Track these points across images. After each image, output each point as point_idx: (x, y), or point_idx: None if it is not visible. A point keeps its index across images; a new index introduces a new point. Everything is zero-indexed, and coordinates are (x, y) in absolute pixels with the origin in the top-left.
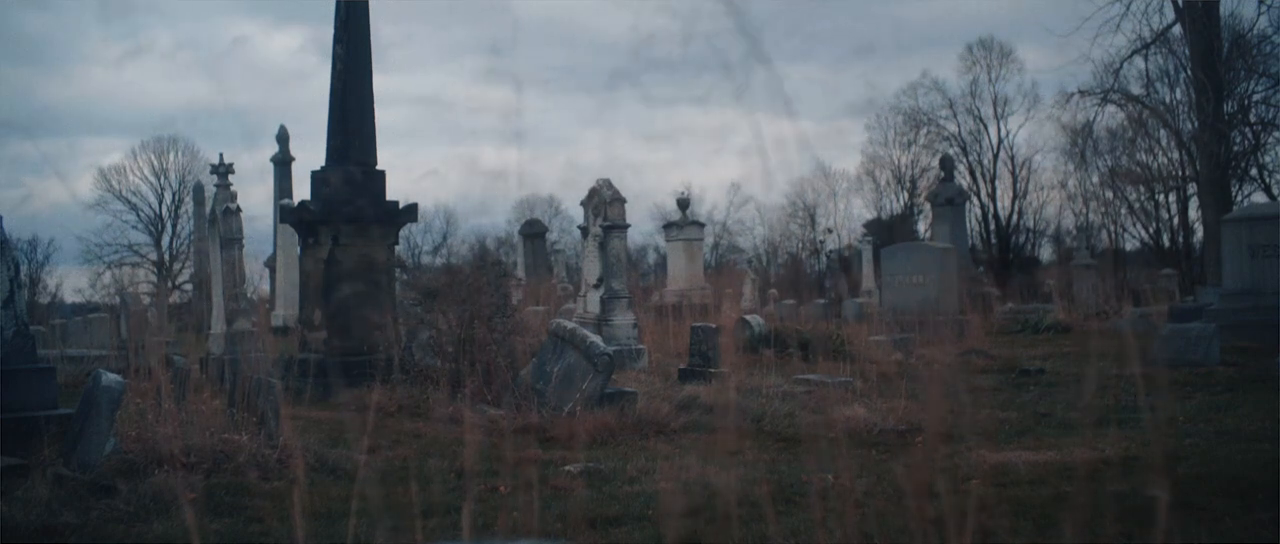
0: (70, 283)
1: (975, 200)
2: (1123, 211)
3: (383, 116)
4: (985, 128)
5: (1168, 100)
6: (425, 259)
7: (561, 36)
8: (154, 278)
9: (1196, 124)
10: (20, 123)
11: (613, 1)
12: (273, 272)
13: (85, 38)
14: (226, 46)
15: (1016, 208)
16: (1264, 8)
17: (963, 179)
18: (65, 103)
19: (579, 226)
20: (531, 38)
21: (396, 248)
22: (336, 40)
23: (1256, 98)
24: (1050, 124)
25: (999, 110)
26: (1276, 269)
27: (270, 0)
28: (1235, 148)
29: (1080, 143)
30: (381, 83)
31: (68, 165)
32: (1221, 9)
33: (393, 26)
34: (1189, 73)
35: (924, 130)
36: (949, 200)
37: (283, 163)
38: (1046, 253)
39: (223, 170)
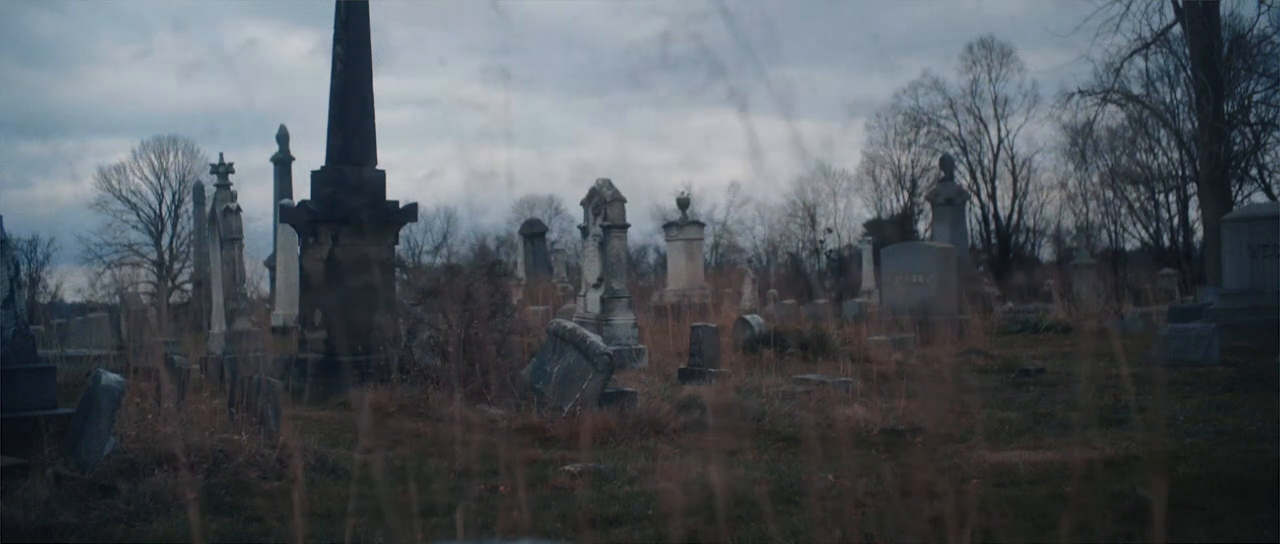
0: (70, 283)
1: (975, 200)
2: (1123, 211)
3: (388, 117)
4: (985, 128)
5: (1168, 100)
6: (425, 259)
7: (564, 38)
8: (154, 278)
9: (1196, 124)
10: (30, 124)
11: (614, 4)
12: (273, 272)
13: (96, 40)
14: (237, 49)
15: (1016, 208)
16: (1264, 8)
17: (963, 179)
18: (75, 104)
19: (579, 226)
20: (535, 40)
21: (396, 248)
22: (336, 40)
23: (1256, 98)
24: (1050, 124)
25: (999, 110)
26: (1276, 269)
27: (282, 4)
28: (1235, 148)
29: (1080, 143)
30: (389, 84)
31: (76, 166)
32: (1221, 9)
33: (403, 29)
34: (1189, 73)
35: (924, 130)
36: (949, 200)
37: (283, 162)
38: (1046, 253)
39: (223, 170)
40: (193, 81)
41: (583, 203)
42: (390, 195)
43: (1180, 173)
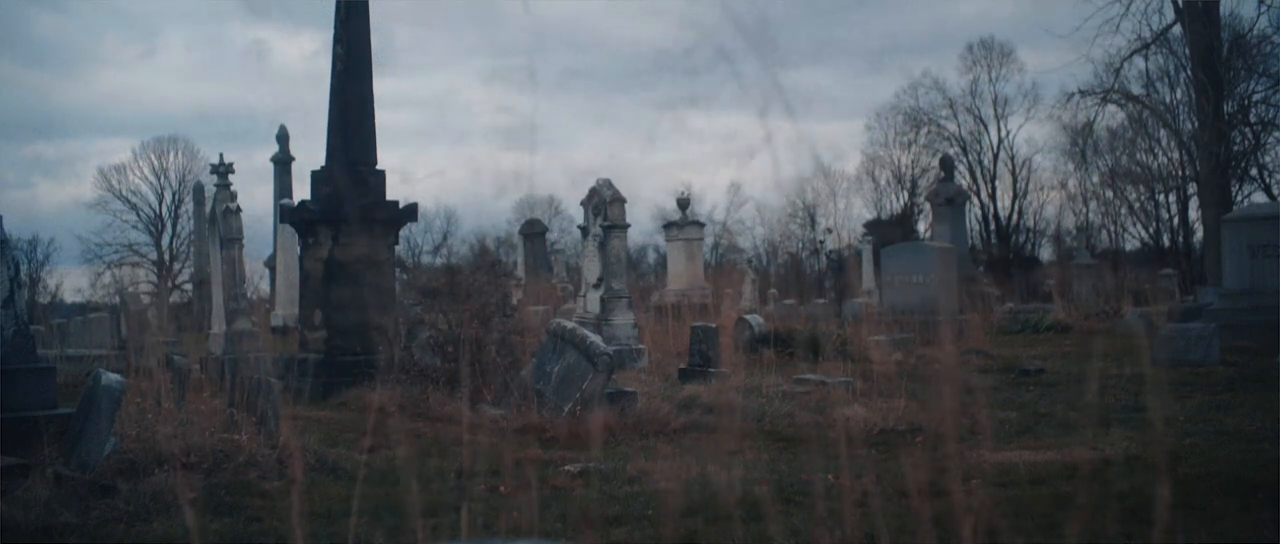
0: (70, 283)
1: (975, 200)
2: (1123, 211)
3: (391, 118)
4: (985, 128)
5: (1168, 100)
6: (425, 259)
7: (565, 40)
8: (154, 278)
9: (1196, 124)
10: (31, 124)
11: (616, 5)
12: (273, 272)
13: (98, 41)
14: (238, 50)
15: (1016, 208)
16: (1264, 8)
17: (963, 179)
18: (76, 105)
19: (579, 226)
20: (536, 41)
21: (396, 247)
22: (336, 40)
23: (1256, 98)
24: (1050, 124)
25: (999, 110)
26: (1276, 269)
27: (283, 4)
28: (1235, 148)
29: (1080, 143)
30: (389, 85)
31: (78, 167)
32: (1221, 9)
33: (404, 29)
34: (1189, 73)
35: (924, 130)
36: (949, 200)
37: (283, 162)
38: (1046, 253)
39: (223, 170)
40: (194, 82)
41: (583, 203)
42: (390, 195)
43: (1180, 173)
